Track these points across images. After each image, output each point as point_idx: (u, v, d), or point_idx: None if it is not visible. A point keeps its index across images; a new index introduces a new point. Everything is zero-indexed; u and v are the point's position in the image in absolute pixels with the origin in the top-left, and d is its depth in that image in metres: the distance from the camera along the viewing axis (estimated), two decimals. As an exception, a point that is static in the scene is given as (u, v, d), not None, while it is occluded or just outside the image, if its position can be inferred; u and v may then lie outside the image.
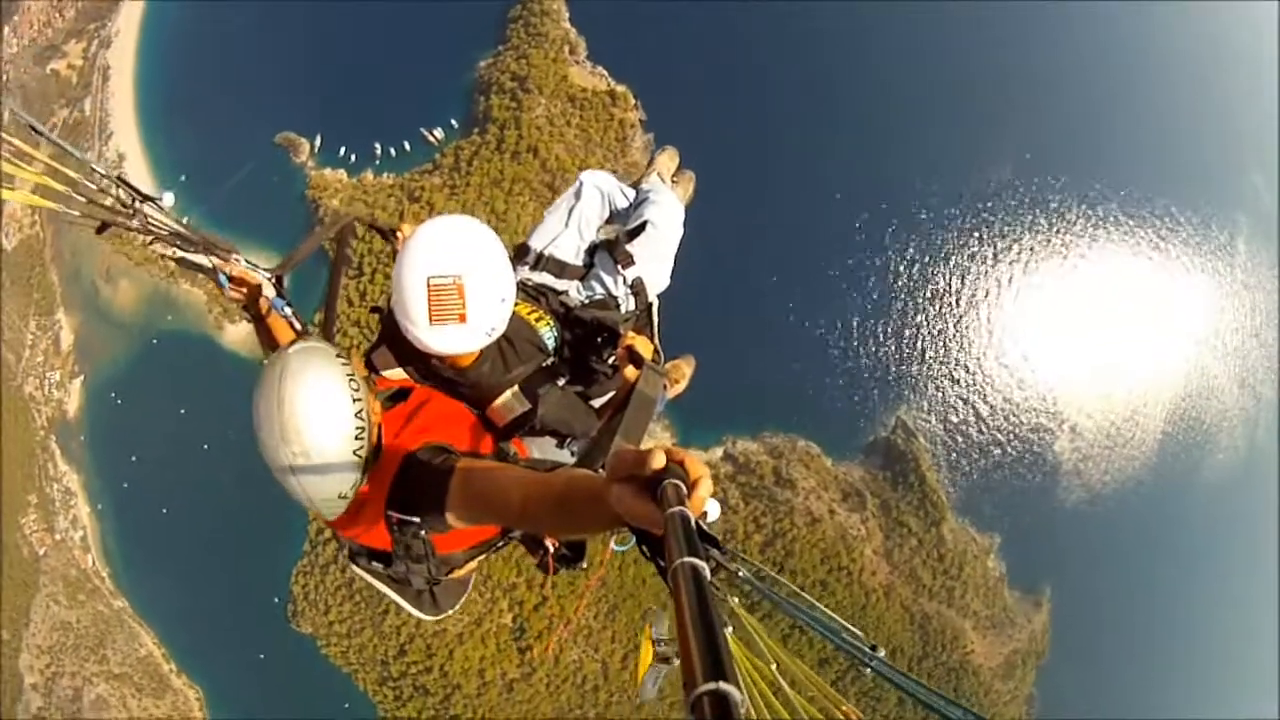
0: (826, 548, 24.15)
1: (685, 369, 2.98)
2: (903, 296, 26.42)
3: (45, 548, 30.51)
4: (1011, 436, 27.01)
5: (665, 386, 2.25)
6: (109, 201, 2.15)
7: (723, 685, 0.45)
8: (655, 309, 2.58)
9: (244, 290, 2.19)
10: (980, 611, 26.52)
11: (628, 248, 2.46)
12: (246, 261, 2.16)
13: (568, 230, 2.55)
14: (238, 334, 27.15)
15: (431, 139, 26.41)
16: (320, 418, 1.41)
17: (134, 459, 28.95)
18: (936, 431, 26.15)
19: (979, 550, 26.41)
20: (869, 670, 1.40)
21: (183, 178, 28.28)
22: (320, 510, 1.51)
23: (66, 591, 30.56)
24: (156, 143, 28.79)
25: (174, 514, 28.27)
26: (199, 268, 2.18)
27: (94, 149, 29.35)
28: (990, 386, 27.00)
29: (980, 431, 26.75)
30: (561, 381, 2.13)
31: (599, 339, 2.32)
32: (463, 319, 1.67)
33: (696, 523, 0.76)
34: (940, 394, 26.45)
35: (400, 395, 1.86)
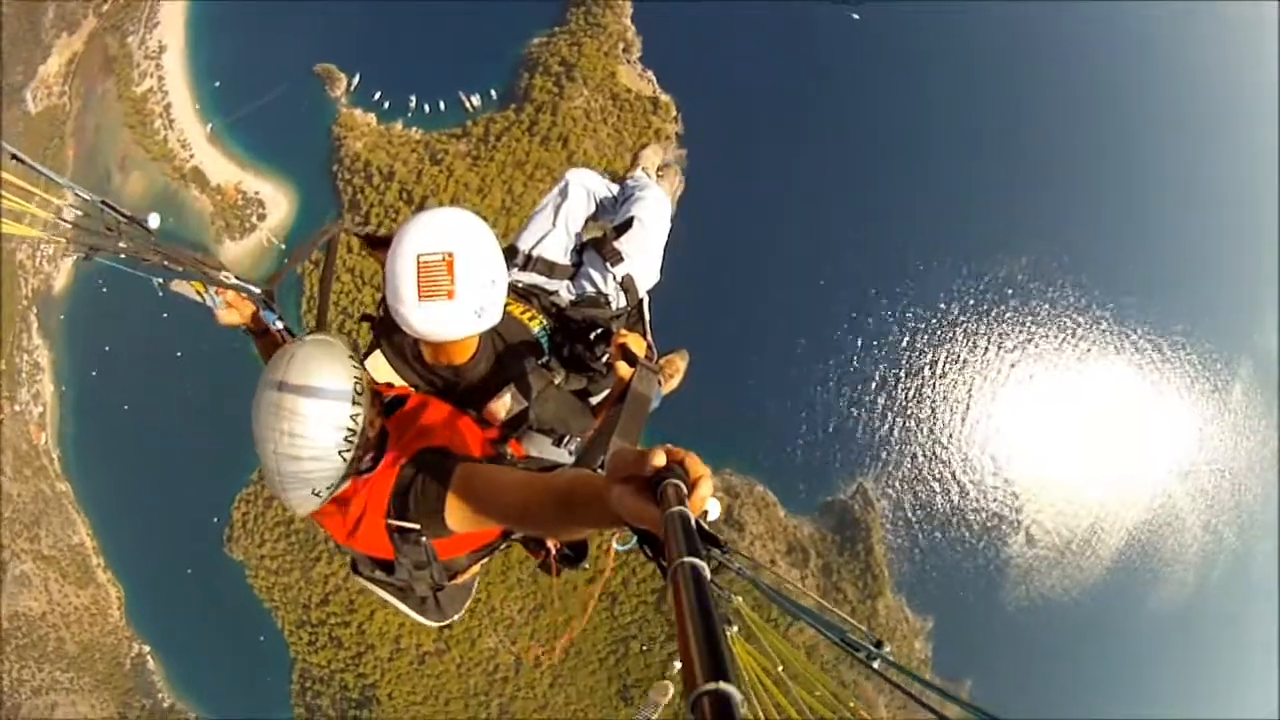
0: (759, 597, 24.12)
1: (679, 363, 2.95)
2: (889, 366, 26.40)
3: (2, 416, 30.42)
4: (968, 526, 27.03)
5: (660, 382, 2.22)
6: (94, 224, 2.14)
7: (723, 685, 0.45)
8: (647, 305, 2.57)
9: (239, 310, 2.17)
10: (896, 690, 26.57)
11: (615, 244, 2.45)
12: (236, 278, 2.12)
13: (555, 229, 2.53)
14: (235, 251, 26.99)
15: (467, 104, 26.16)
16: (317, 405, 1.42)
17: (107, 349, 28.82)
18: (895, 506, 26.14)
19: (909, 631, 26.46)
20: (873, 666, 1.39)
21: (216, 84, 28.05)
22: (291, 504, 1.50)
23: (13, 463, 30.50)
24: (200, 43, 28.54)
25: (134, 412, 28.17)
26: (191, 298, 2.15)
27: (137, 33, 29.10)
28: (959, 472, 26.99)
29: (938, 515, 26.76)
30: (558, 380, 2.12)
31: (592, 337, 2.31)
32: (451, 295, 1.66)
33: (697, 522, 0.76)
34: (907, 470, 26.43)
35: (396, 402, 1.85)
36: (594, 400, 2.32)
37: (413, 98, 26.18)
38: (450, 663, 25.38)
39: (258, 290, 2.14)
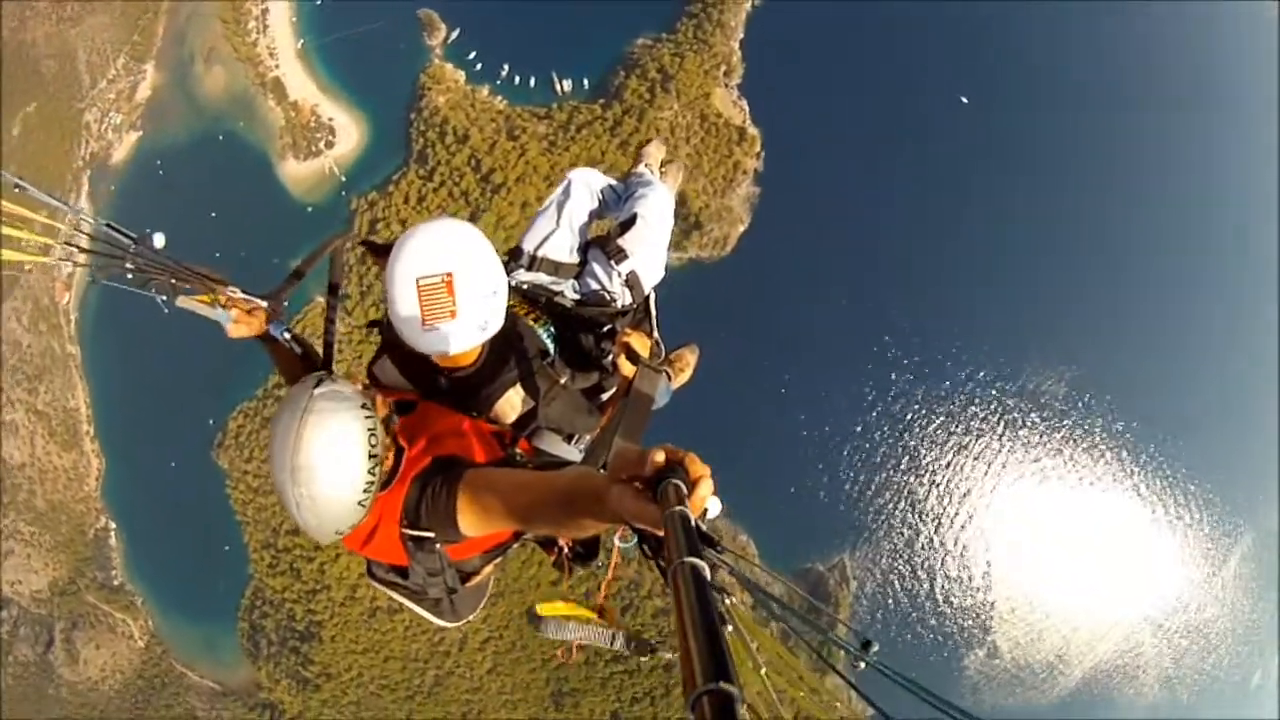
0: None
1: (690, 358, 2.92)
2: (896, 450, 26.18)
3: (30, 267, 30.76)
4: (935, 627, 26.84)
5: (669, 376, 2.24)
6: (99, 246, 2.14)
7: (723, 685, 0.45)
8: (653, 301, 2.58)
9: (249, 324, 2.14)
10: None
11: (619, 242, 2.45)
12: (242, 292, 2.10)
13: (559, 228, 2.52)
14: (295, 170, 27.01)
15: (558, 87, 25.92)
16: (333, 470, 1.45)
17: (148, 231, 29.03)
18: (869, 589, 25.99)
19: (849, 713, 26.37)
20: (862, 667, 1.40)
21: (318, 1, 27.95)
22: (313, 538, 1.55)
23: (31, 314, 30.88)
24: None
25: (155, 305, 28.31)
26: (199, 313, 2.12)
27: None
28: (939, 572, 26.78)
29: (909, 608, 26.60)
30: (564, 379, 2.12)
31: (596, 336, 2.32)
32: (454, 315, 1.69)
33: (695, 522, 0.76)
34: (889, 557, 26.25)
35: (405, 407, 1.88)
36: (603, 398, 2.32)
37: (506, 66, 25.97)
38: (399, 623, 25.57)
39: (264, 304, 2.13)
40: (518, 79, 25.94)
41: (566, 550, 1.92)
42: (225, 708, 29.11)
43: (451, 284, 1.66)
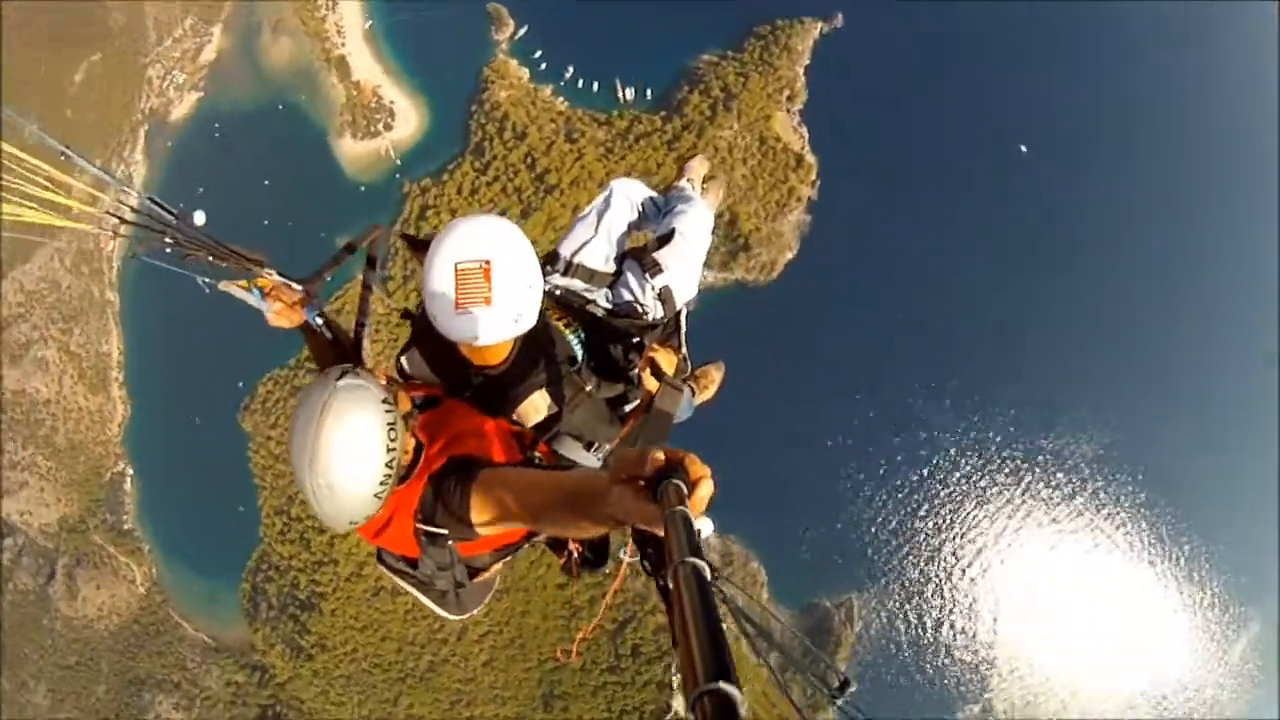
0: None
1: (715, 375, 2.97)
2: (918, 497, 25.93)
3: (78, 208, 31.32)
4: (932, 678, 26.54)
5: (693, 391, 2.29)
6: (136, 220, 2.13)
7: (724, 685, 0.45)
8: (683, 317, 2.61)
9: (289, 318, 2.16)
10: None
11: (656, 255, 2.48)
12: (279, 275, 2.12)
13: (597, 237, 2.54)
14: (351, 149, 27.31)
15: (620, 94, 25.98)
16: (351, 463, 1.47)
17: (201, 191, 29.45)
18: (873, 632, 25.76)
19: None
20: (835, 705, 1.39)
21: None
22: (328, 526, 1.59)
23: (74, 257, 31.44)
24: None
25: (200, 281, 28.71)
26: (240, 298, 2.15)
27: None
28: (944, 622, 26.48)
29: (909, 655, 26.32)
30: (589, 387, 2.15)
31: (624, 347, 2.35)
32: (489, 302, 1.71)
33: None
34: (898, 602, 26.00)
35: (429, 403, 1.90)
36: (626, 409, 2.34)
37: (571, 68, 26.08)
38: (401, 605, 25.73)
39: (299, 288, 2.13)
40: (581, 82, 26.04)
41: (576, 555, 1.94)
42: (216, 663, 29.45)
43: (489, 271, 1.69)
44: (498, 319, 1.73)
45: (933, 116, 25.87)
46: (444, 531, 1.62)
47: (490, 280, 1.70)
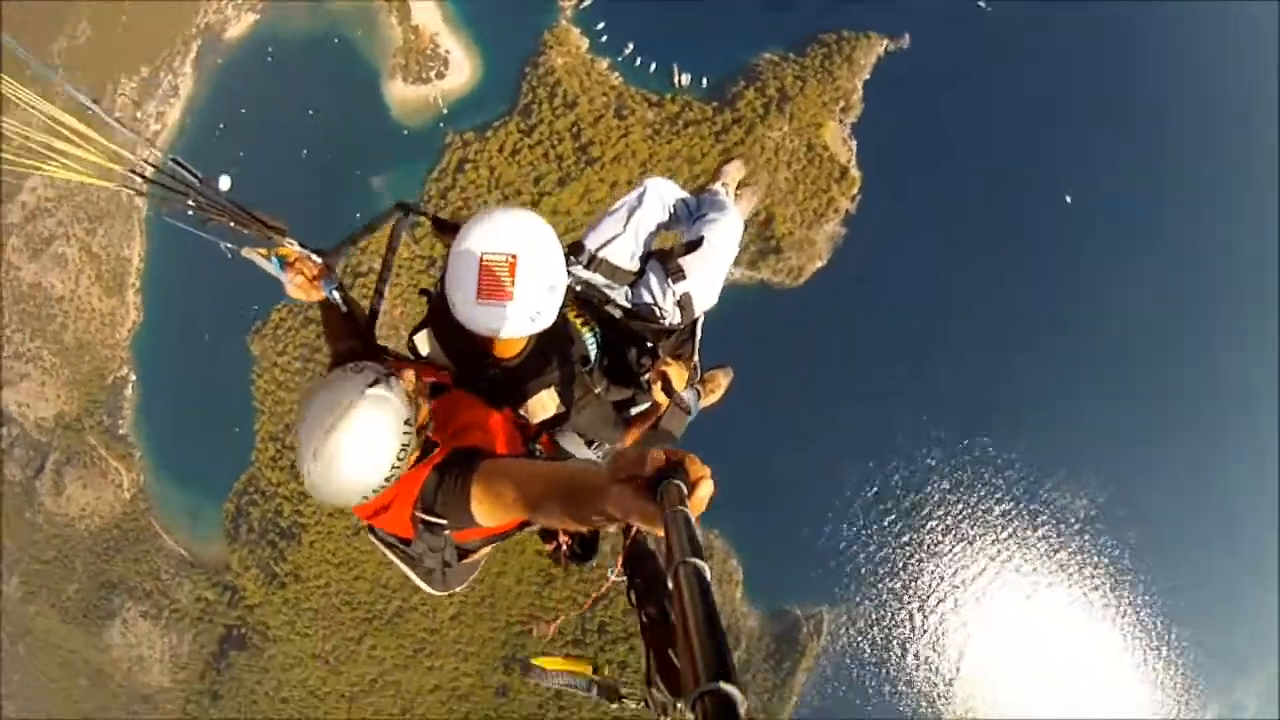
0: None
1: (722, 380, 3.00)
2: (904, 522, 25.96)
3: (121, 114, 31.32)
4: (887, 705, 26.68)
5: (699, 394, 2.30)
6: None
7: (724, 686, 0.45)
8: (699, 325, 2.60)
9: (309, 293, 2.16)
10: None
11: (680, 261, 2.47)
12: (299, 245, 2.11)
13: (624, 234, 2.52)
14: (400, 92, 27.24)
15: (676, 78, 25.83)
16: (354, 469, 1.51)
17: (243, 111, 29.45)
18: (839, 647, 25.90)
19: (780, 763, 26.39)
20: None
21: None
22: (315, 499, 1.65)
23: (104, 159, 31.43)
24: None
25: (236, 181, 28.72)
26: (261, 266, 2.15)
27: None
28: (908, 650, 26.59)
29: (869, 677, 26.45)
30: (598, 389, 2.14)
31: (639, 351, 2.34)
32: (510, 297, 1.71)
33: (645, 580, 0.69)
34: (867, 623, 26.11)
35: (436, 390, 1.90)
36: (632, 411, 2.34)
37: (630, 45, 25.93)
38: (369, 575, 25.93)
39: (319, 260, 2.12)
40: (639, 61, 25.86)
41: (565, 547, 1.96)
42: (189, 578, 29.76)
43: (515, 266, 1.70)
44: (516, 315, 1.73)
45: (982, 153, 25.71)
46: (443, 521, 1.63)
47: (515, 276, 1.70)
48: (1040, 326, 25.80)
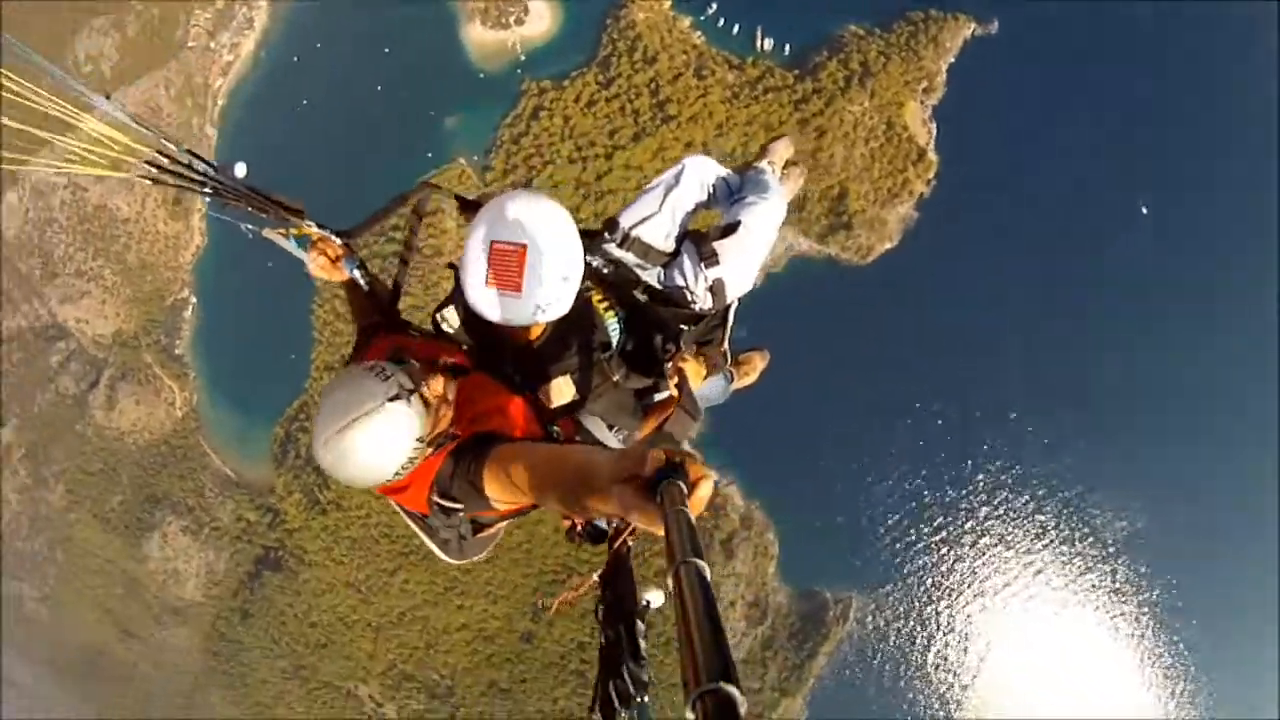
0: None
1: (759, 362, 2.95)
2: (941, 516, 25.67)
3: (195, 43, 31.74)
4: (904, 696, 26.67)
5: (733, 376, 2.33)
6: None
7: (724, 686, 0.46)
8: (732, 311, 2.54)
9: (330, 275, 2.19)
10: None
11: (715, 245, 2.40)
12: (317, 225, 2.13)
13: (660, 214, 2.47)
14: (479, 35, 27.11)
15: (759, 43, 25.28)
16: (363, 468, 1.58)
17: (318, 45, 29.61)
18: (863, 634, 25.89)
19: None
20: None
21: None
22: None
23: (181, 88, 31.91)
24: None
25: (313, 106, 28.77)
26: (283, 247, 2.16)
27: None
28: (932, 647, 26.47)
29: (890, 669, 26.44)
30: (617, 377, 2.13)
31: (663, 338, 2.31)
32: (515, 287, 1.72)
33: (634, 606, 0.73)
34: (893, 615, 26.03)
35: (457, 371, 1.92)
36: (655, 398, 2.31)
37: (714, 5, 25.43)
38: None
39: (338, 240, 2.14)
40: (722, 21, 25.33)
41: (579, 526, 1.98)
42: (232, 497, 30.88)
43: (524, 256, 1.69)
44: (521, 305, 1.74)
45: (1063, 149, 24.75)
46: (459, 506, 1.66)
47: (523, 266, 1.69)
48: (1109, 339, 24.94)
